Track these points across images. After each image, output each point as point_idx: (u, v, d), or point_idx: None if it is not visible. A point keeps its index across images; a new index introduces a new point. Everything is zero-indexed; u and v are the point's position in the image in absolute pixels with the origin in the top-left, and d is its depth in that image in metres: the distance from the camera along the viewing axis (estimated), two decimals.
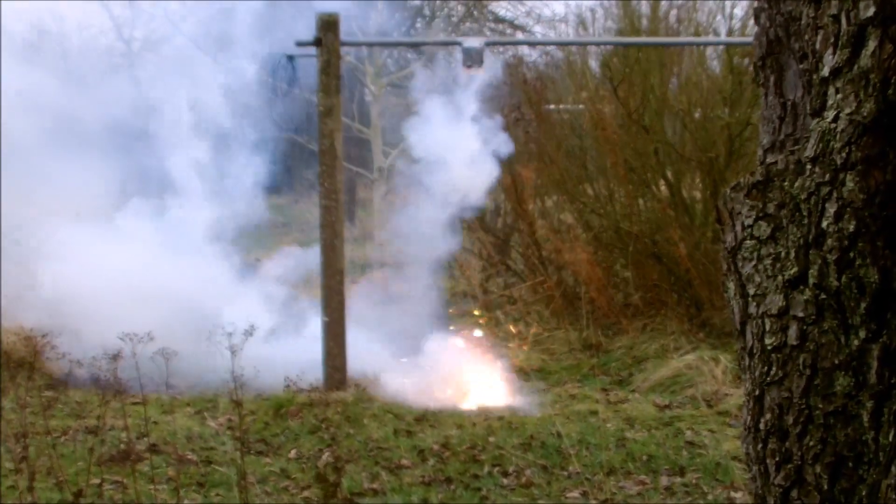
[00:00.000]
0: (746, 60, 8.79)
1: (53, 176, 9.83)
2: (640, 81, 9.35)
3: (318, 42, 7.17)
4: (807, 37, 1.52)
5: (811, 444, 1.49)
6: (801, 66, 1.56)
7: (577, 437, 6.14)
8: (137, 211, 10.21)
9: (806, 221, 1.46)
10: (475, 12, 19.72)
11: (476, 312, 10.04)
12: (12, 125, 9.17)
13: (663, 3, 9.82)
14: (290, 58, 8.13)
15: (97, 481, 4.51)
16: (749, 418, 1.60)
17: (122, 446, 5.41)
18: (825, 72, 1.48)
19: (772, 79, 1.64)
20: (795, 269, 1.48)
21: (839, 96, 1.44)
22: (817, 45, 1.49)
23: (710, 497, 5.22)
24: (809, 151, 1.46)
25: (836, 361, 1.46)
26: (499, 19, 19.91)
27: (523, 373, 8.13)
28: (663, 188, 9.48)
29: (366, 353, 7.86)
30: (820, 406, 1.48)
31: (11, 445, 3.56)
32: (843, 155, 1.41)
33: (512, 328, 9.49)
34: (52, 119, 9.71)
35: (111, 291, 8.57)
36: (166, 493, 4.84)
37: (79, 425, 6.18)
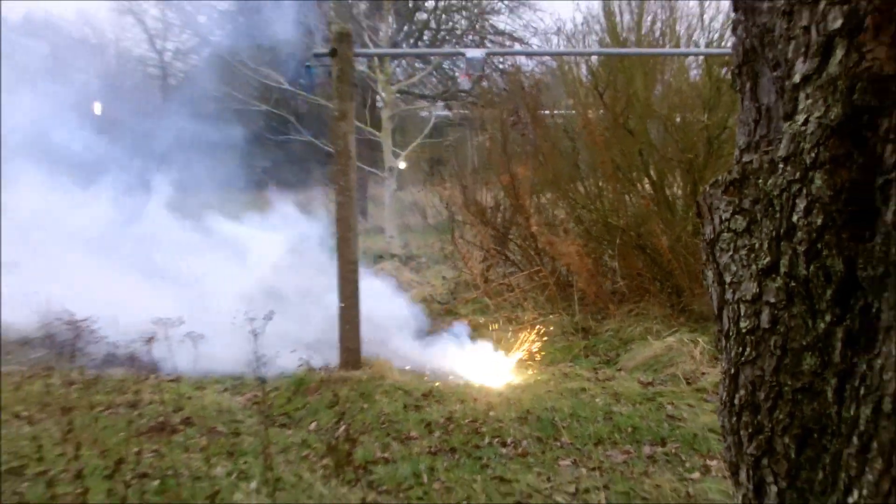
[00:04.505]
0: (724, 69, 8.77)
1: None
2: (625, 89, 9.34)
3: (333, 53, 7.16)
4: (780, 46, 1.52)
5: (781, 417, 1.50)
6: (774, 74, 1.55)
7: (568, 412, 6.15)
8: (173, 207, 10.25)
9: (778, 215, 1.46)
10: (477, 25, 19.70)
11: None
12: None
13: (647, 16, 9.79)
14: (308, 67, 8.14)
15: (136, 450, 4.52)
16: (725, 394, 1.60)
17: (159, 419, 5.43)
18: (796, 79, 1.47)
19: (748, 85, 1.64)
20: (768, 259, 1.48)
21: (809, 101, 1.44)
22: (789, 54, 1.49)
23: (688, 465, 5.23)
24: (782, 151, 1.46)
25: (804, 343, 1.46)
26: (498, 32, 19.89)
27: (521, 354, 8.14)
28: (647, 186, 9.47)
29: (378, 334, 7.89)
30: (789, 383, 1.48)
31: (58, 418, 3.57)
32: (813, 155, 1.41)
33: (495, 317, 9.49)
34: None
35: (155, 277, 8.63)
36: (199, 461, 4.86)
37: (119, 401, 6.20)
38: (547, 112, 10.78)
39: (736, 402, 1.57)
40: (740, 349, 1.55)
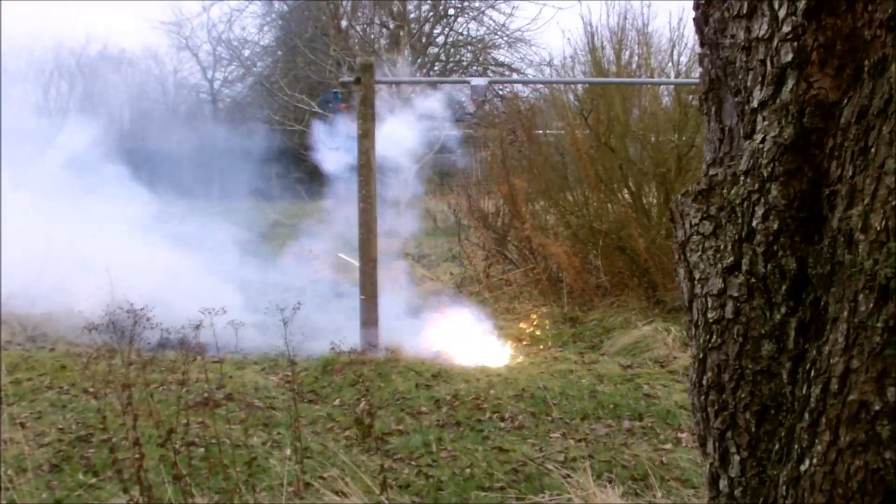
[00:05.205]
0: (691, 96, 8.75)
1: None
2: (606, 112, 9.32)
3: (357, 81, 7.17)
4: (740, 76, 1.51)
5: (742, 396, 1.49)
6: (736, 99, 1.55)
7: (558, 390, 6.13)
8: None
9: (740, 221, 1.46)
10: (481, 58, 19.70)
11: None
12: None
13: (625, 51, 9.77)
14: (336, 93, 8.15)
15: (185, 422, 4.53)
16: (694, 376, 1.60)
17: (205, 395, 5.44)
18: (755, 104, 1.47)
19: (713, 109, 1.64)
20: (731, 259, 1.47)
21: (766, 123, 1.43)
22: (748, 83, 1.48)
23: (662, 437, 5.21)
24: (743, 166, 1.46)
25: (763, 331, 1.45)
26: (499, 63, 19.88)
27: (518, 340, 8.13)
28: (627, 195, 9.44)
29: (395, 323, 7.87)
30: (750, 366, 1.47)
31: (119, 394, 3.58)
32: (769, 169, 1.41)
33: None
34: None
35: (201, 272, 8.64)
36: (238, 431, 4.87)
37: (171, 378, 6.21)
38: (540, 132, 10.77)
39: (704, 382, 1.56)
40: (707, 337, 1.54)
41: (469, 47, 19.96)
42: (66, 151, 9.88)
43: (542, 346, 7.88)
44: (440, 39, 20.01)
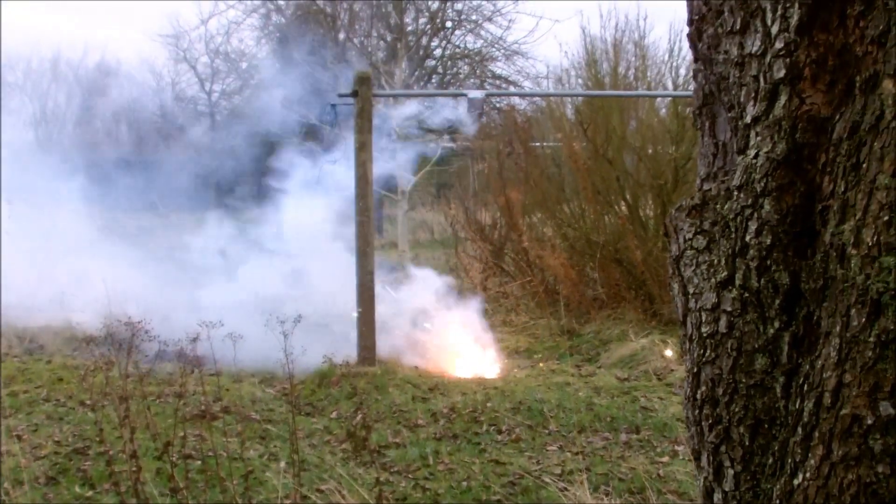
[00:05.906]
0: (688, 108, 8.78)
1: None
2: (604, 124, 9.35)
3: (354, 93, 7.18)
4: (734, 92, 1.52)
5: (736, 410, 1.49)
6: (729, 115, 1.56)
7: (555, 403, 6.12)
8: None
9: (733, 236, 1.46)
10: (478, 70, 19.77)
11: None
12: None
13: (622, 64, 9.82)
14: (333, 105, 8.16)
15: (182, 434, 4.51)
16: (689, 390, 1.60)
17: (202, 408, 5.42)
18: (748, 119, 1.48)
19: (707, 124, 1.65)
20: (725, 273, 1.48)
21: (759, 138, 1.44)
22: (741, 98, 1.50)
23: (658, 449, 5.20)
24: (736, 181, 1.47)
25: (756, 345, 1.46)
26: (496, 76, 19.95)
27: (515, 352, 8.12)
28: (623, 207, 9.46)
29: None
30: (743, 380, 1.48)
31: (116, 406, 3.57)
32: (762, 184, 1.41)
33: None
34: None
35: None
36: (235, 444, 4.85)
37: (168, 391, 6.20)
38: (537, 144, 10.80)
39: (698, 396, 1.57)
40: (701, 351, 1.54)
41: (466, 60, 20.04)
42: (64, 163, 9.89)
43: (538, 359, 7.87)
44: (437, 52, 20.09)
